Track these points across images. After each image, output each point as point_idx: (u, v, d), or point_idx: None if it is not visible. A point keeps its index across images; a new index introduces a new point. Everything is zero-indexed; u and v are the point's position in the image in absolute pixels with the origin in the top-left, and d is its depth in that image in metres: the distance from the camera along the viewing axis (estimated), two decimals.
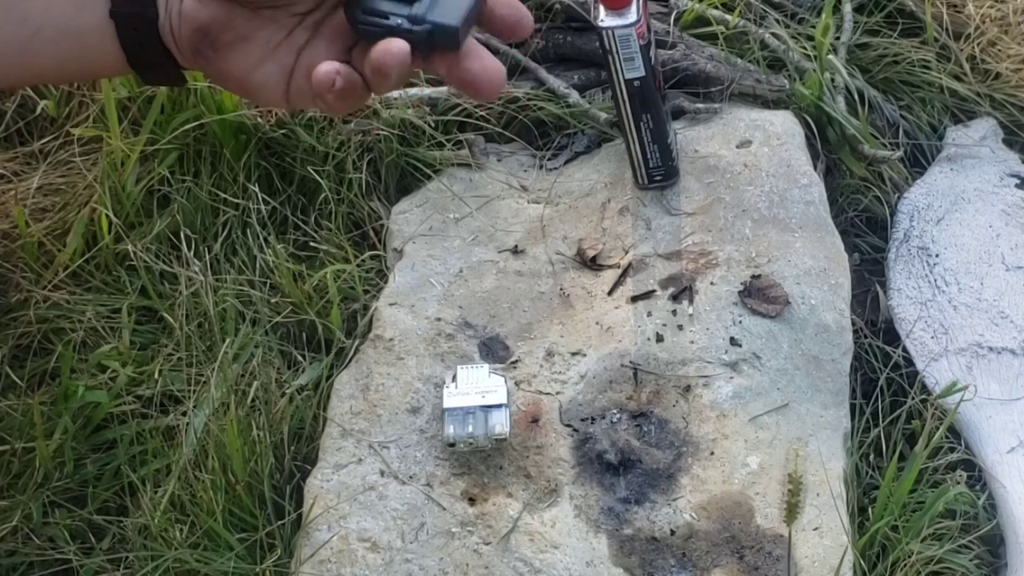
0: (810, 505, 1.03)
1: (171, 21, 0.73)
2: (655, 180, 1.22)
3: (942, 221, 1.25)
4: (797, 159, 1.23)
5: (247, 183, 1.26)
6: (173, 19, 0.73)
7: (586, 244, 1.19)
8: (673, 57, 1.28)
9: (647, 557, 1.01)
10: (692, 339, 1.12)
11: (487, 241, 1.22)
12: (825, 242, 1.18)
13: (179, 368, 1.15)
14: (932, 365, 1.16)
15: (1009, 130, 1.33)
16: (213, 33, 0.73)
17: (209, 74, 0.76)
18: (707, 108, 1.27)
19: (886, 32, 1.36)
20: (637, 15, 1.11)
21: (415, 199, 1.26)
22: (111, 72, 0.79)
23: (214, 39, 0.73)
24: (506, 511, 1.03)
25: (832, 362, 1.12)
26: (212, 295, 1.18)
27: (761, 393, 1.09)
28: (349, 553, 1.02)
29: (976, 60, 1.35)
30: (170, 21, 0.73)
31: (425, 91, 1.30)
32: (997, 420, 1.12)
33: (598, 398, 1.09)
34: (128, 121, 1.28)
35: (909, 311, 1.20)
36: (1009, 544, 1.05)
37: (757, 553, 1.01)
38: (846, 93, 1.29)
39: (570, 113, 1.29)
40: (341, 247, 1.24)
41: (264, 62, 0.73)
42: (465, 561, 1.01)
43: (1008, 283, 1.20)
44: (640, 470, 1.05)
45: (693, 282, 1.15)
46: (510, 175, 1.27)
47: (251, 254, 1.23)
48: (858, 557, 1.01)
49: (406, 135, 1.27)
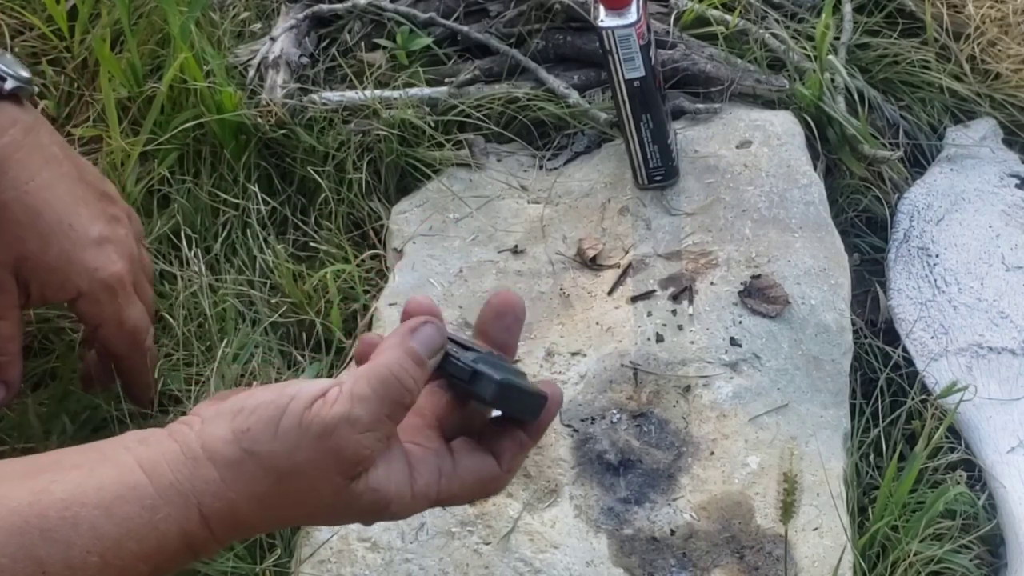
0: (810, 505, 1.03)
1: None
2: (655, 180, 1.22)
3: (942, 221, 1.25)
4: (797, 159, 1.23)
5: (247, 183, 1.26)
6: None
7: (586, 244, 1.19)
8: (673, 57, 1.28)
9: (647, 557, 1.01)
10: (692, 339, 1.12)
11: (487, 241, 1.22)
12: (825, 242, 1.18)
13: (178, 368, 1.15)
14: (932, 365, 1.16)
15: (1009, 130, 1.33)
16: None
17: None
18: (707, 108, 1.27)
19: (886, 32, 1.36)
20: (637, 15, 1.11)
21: (415, 199, 1.26)
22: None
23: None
24: (506, 511, 1.03)
25: (832, 362, 1.11)
26: (212, 295, 1.18)
27: (761, 393, 1.09)
28: (349, 553, 1.02)
29: (976, 60, 1.35)
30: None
31: (425, 91, 1.30)
32: (997, 420, 1.12)
33: (598, 398, 1.09)
34: (128, 121, 1.29)
35: (909, 311, 1.20)
36: (1009, 544, 1.05)
37: (757, 553, 1.01)
38: (846, 93, 1.29)
39: (570, 113, 1.29)
40: (341, 247, 1.24)
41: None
42: (465, 561, 1.01)
43: (1008, 283, 1.20)
44: (640, 470, 1.05)
45: (693, 282, 1.15)
46: (510, 175, 1.27)
47: (251, 254, 1.23)
48: (858, 557, 1.01)
49: (406, 135, 1.27)
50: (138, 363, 1.07)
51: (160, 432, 0.74)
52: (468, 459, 0.78)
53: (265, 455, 0.71)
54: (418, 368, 0.75)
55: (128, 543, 0.70)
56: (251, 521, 0.73)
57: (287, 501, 0.73)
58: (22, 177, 1.01)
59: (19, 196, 1.01)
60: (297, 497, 0.73)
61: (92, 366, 1.11)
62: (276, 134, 1.26)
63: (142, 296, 1.07)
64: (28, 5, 1.37)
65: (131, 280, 1.05)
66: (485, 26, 1.35)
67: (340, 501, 0.74)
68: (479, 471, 0.78)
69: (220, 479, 0.72)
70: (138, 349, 1.07)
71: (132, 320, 1.05)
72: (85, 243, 1.02)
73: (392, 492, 0.75)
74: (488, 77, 1.32)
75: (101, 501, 0.70)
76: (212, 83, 1.25)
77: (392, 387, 0.73)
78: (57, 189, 1.02)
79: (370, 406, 0.73)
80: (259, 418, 0.72)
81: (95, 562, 0.69)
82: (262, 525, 0.74)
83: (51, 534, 0.69)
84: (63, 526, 0.69)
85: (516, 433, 0.80)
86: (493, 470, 0.79)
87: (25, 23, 1.37)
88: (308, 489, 0.73)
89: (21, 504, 0.70)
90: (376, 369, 0.74)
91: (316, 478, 0.72)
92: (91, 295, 1.03)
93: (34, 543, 0.69)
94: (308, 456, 0.71)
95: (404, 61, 1.33)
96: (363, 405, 0.72)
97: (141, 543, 0.70)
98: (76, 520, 0.70)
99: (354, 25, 1.36)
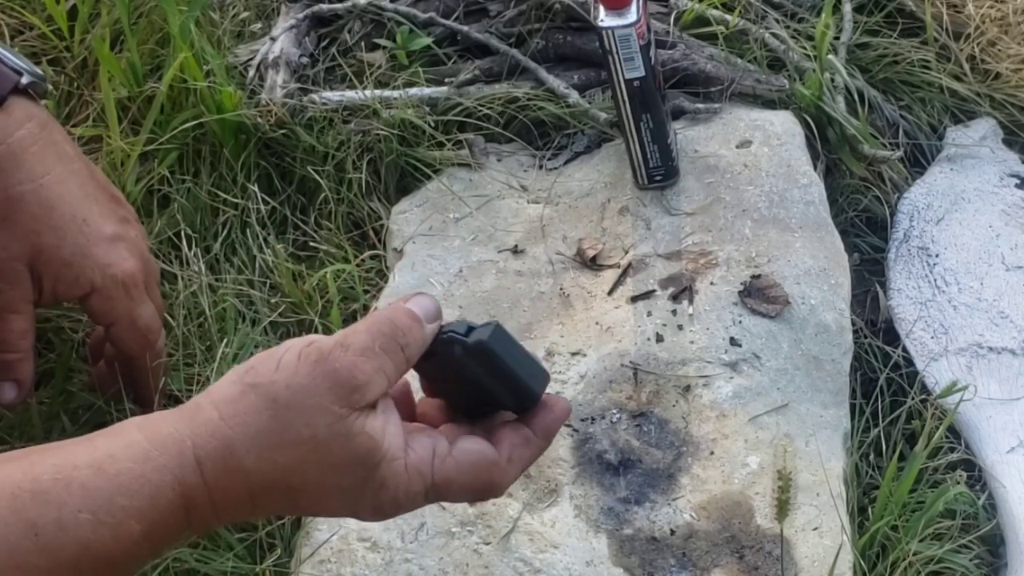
0: (810, 505, 1.03)
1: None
2: (655, 180, 1.22)
3: (942, 221, 1.25)
4: (797, 159, 1.23)
5: (247, 183, 1.26)
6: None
7: (586, 244, 1.19)
8: (673, 57, 1.28)
9: (647, 557, 1.01)
10: (692, 339, 1.12)
11: (487, 241, 1.22)
12: (825, 242, 1.18)
13: (178, 368, 1.15)
14: (932, 365, 1.16)
15: (1009, 130, 1.33)
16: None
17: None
18: (707, 108, 1.27)
19: (886, 32, 1.36)
20: (637, 15, 1.11)
21: (415, 199, 1.26)
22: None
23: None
24: (506, 511, 1.03)
25: (832, 362, 1.12)
26: (212, 295, 1.18)
27: (761, 393, 1.09)
28: (349, 553, 1.02)
29: (976, 60, 1.35)
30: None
31: (425, 91, 1.30)
32: (997, 420, 1.12)
33: (598, 398, 1.09)
34: (128, 121, 1.29)
35: (909, 311, 1.20)
36: (1009, 544, 1.05)
37: (757, 553, 1.01)
38: (846, 93, 1.29)
39: (570, 113, 1.29)
40: (341, 247, 1.24)
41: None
42: (465, 561, 1.01)
43: (1008, 283, 1.20)
44: (640, 470, 1.05)
45: (693, 282, 1.15)
46: (510, 175, 1.27)
47: (251, 254, 1.23)
48: (858, 557, 1.01)
49: (406, 135, 1.27)
50: (147, 365, 1.07)
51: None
52: (464, 442, 0.78)
53: (265, 385, 0.73)
54: (412, 321, 0.77)
55: (119, 499, 0.70)
56: (245, 462, 0.73)
57: (284, 440, 0.73)
58: (38, 171, 1.01)
59: (35, 189, 1.01)
60: (294, 434, 0.73)
61: (100, 376, 1.11)
62: (276, 134, 1.26)
63: (153, 298, 1.07)
64: (28, 5, 1.37)
65: (143, 279, 1.05)
66: (485, 26, 1.35)
67: (336, 439, 0.73)
68: (475, 453, 0.78)
69: (219, 417, 0.72)
70: (149, 349, 1.07)
71: (144, 319, 1.05)
72: (98, 239, 1.02)
73: (385, 446, 0.74)
74: (488, 77, 1.32)
75: (93, 461, 0.70)
76: (212, 83, 1.25)
77: (383, 323, 0.76)
78: (71, 185, 1.02)
79: (362, 336, 0.75)
80: (261, 357, 0.75)
81: (87, 519, 0.69)
82: (256, 470, 0.73)
83: (43, 496, 0.69)
84: (55, 487, 0.69)
85: (517, 425, 0.81)
86: (490, 455, 0.78)
87: (25, 23, 1.37)
88: (305, 423, 0.73)
89: (14, 473, 0.70)
90: (376, 314, 0.77)
91: (313, 408, 0.73)
92: (104, 291, 1.03)
93: (26, 506, 0.69)
94: (305, 382, 0.73)
95: (404, 61, 1.33)
96: (356, 335, 0.75)
97: (132, 498, 0.70)
98: (68, 480, 0.70)
99: (354, 25, 1.36)
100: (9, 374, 1.03)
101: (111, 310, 1.04)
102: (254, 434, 0.72)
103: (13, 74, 1.01)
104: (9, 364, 1.03)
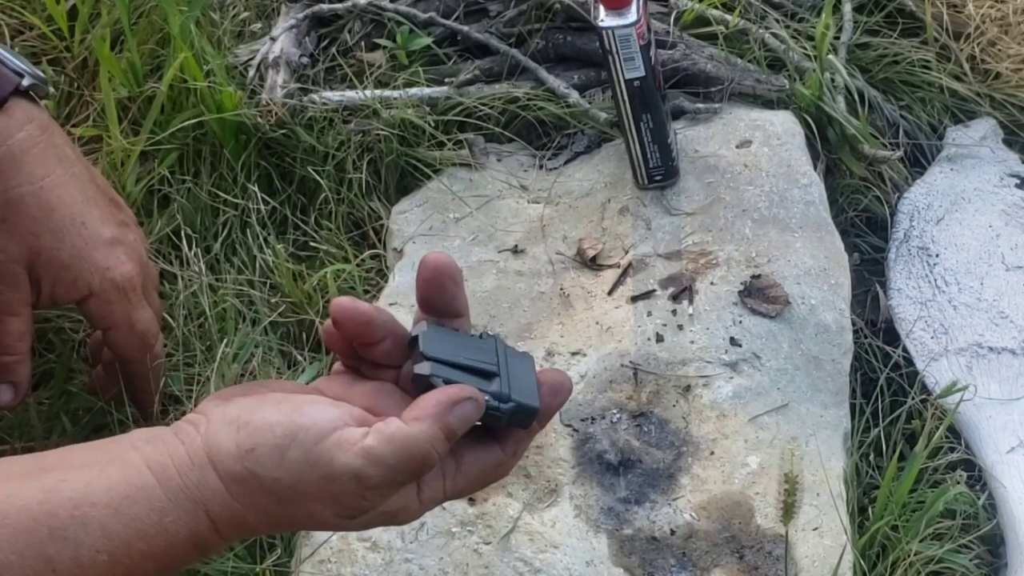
0: (810, 505, 1.03)
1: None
2: (655, 180, 1.22)
3: (942, 221, 1.25)
4: (797, 159, 1.23)
5: (247, 183, 1.26)
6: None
7: (586, 244, 1.19)
8: (673, 57, 1.28)
9: (647, 557, 1.01)
10: (692, 339, 1.12)
11: (487, 241, 1.22)
12: (825, 242, 1.18)
13: (178, 368, 1.15)
14: (932, 365, 1.16)
15: (1009, 130, 1.33)
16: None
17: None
18: (707, 108, 1.27)
19: (886, 32, 1.36)
20: (637, 15, 1.11)
21: (415, 199, 1.26)
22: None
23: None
24: (506, 511, 1.03)
25: (832, 362, 1.12)
26: (212, 295, 1.18)
27: (761, 393, 1.09)
28: (349, 553, 1.02)
29: (976, 60, 1.35)
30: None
31: (425, 91, 1.29)
32: (997, 420, 1.12)
33: (598, 398, 1.09)
34: (128, 121, 1.28)
35: (909, 311, 1.20)
36: (1009, 544, 1.05)
37: (757, 553, 1.01)
38: (846, 93, 1.29)
39: (570, 113, 1.29)
40: (341, 247, 1.24)
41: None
42: (465, 561, 1.01)
43: (1008, 283, 1.20)
44: (640, 470, 1.05)
45: (693, 282, 1.15)
46: (510, 175, 1.27)
47: (251, 254, 1.23)
48: (858, 557, 1.01)
49: (406, 135, 1.27)
50: (146, 368, 1.07)
51: (166, 432, 0.75)
52: (471, 455, 0.78)
53: (269, 480, 0.72)
54: (447, 443, 0.74)
55: (137, 543, 0.71)
56: (259, 528, 0.75)
57: (291, 519, 0.74)
58: (38, 173, 1.01)
59: (34, 191, 1.01)
60: (301, 517, 0.74)
61: (99, 379, 1.11)
62: (276, 134, 1.26)
63: (151, 302, 1.07)
64: (28, 5, 1.37)
65: (141, 283, 1.05)
66: (485, 26, 1.35)
67: (343, 525, 0.75)
68: (483, 463, 0.78)
69: (226, 490, 0.72)
70: (147, 353, 1.07)
71: (142, 323, 1.05)
72: (97, 242, 1.02)
73: (395, 508, 0.75)
74: (488, 77, 1.32)
75: (111, 501, 0.71)
76: (212, 83, 1.25)
77: (415, 461, 0.72)
78: (70, 188, 1.02)
79: (383, 472, 0.72)
80: (265, 441, 0.72)
81: (104, 561, 0.70)
82: (269, 531, 0.76)
83: (60, 532, 0.70)
84: (72, 525, 0.70)
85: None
86: (497, 457, 0.78)
87: (25, 23, 1.37)
88: (310, 514, 0.74)
89: (30, 503, 0.70)
90: (405, 438, 0.72)
91: (318, 510, 0.73)
92: (102, 295, 1.03)
93: (43, 541, 0.69)
94: (310, 491, 0.72)
95: (404, 61, 1.33)
96: (377, 468, 0.71)
97: (150, 543, 0.71)
98: (85, 519, 0.70)
99: (354, 25, 1.36)
100: (6, 376, 1.03)
101: (109, 314, 1.04)
102: (263, 513, 0.73)
103: (14, 76, 1.01)
104: (6, 366, 1.03)
